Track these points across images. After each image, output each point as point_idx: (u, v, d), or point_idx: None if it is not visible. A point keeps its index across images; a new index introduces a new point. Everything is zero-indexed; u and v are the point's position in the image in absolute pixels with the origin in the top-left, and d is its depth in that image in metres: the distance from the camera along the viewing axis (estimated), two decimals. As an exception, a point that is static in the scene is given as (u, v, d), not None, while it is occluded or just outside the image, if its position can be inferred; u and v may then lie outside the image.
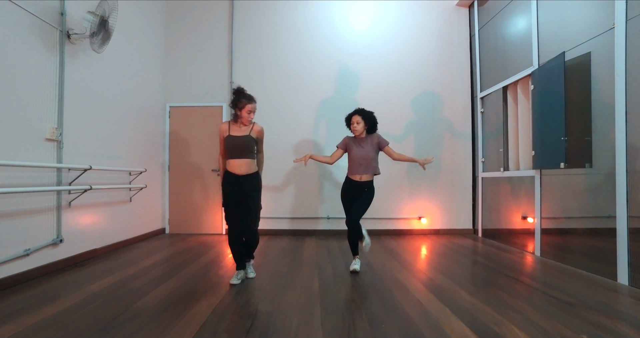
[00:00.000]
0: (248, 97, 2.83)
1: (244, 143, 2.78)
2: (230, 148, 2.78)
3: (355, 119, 3.21)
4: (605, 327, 1.97)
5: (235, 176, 2.79)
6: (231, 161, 2.80)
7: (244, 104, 2.80)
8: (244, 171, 2.79)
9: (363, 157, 3.15)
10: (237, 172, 2.78)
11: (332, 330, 1.94)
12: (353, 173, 3.20)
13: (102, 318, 2.09)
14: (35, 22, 2.92)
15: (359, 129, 3.20)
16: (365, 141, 3.22)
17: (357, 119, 3.20)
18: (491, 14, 4.93)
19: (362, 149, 3.18)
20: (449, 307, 2.28)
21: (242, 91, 2.86)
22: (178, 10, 5.47)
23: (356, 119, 3.20)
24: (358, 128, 3.19)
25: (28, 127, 2.85)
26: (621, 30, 2.81)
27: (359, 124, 3.19)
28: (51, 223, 3.11)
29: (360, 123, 3.19)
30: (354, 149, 3.21)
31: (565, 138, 3.37)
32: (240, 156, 2.78)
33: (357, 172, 3.17)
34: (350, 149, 3.25)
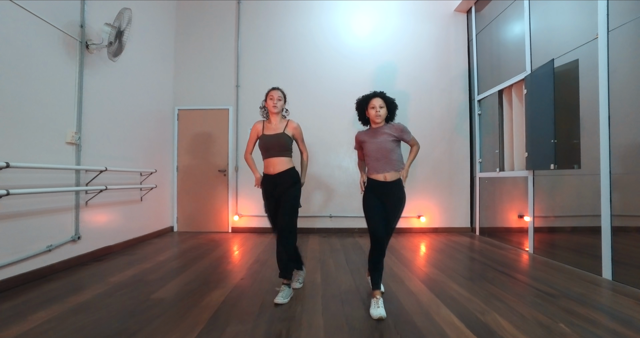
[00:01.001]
0: (273, 87, 2.76)
1: (276, 141, 2.63)
2: (264, 147, 2.67)
3: (376, 102, 2.50)
4: (580, 315, 2.17)
5: (270, 176, 2.66)
6: (266, 161, 2.68)
7: (268, 91, 2.73)
8: (278, 169, 2.63)
9: (379, 149, 2.47)
10: (271, 172, 2.65)
11: (331, 317, 2.15)
12: (373, 172, 2.51)
13: (126, 306, 2.31)
14: (58, 34, 3.15)
15: (382, 115, 2.50)
16: (380, 131, 2.52)
17: (378, 102, 2.50)
18: (488, 20, 5.12)
19: (376, 140, 2.50)
20: (439, 298, 2.49)
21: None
22: (187, 19, 5.69)
23: (378, 103, 2.50)
24: (381, 112, 2.49)
25: (50, 132, 3.09)
26: (603, 41, 3.00)
27: (382, 108, 2.50)
28: (70, 221, 3.34)
29: (383, 107, 2.50)
30: (367, 143, 2.53)
31: (555, 141, 3.56)
32: (274, 154, 2.64)
33: (377, 170, 2.48)
34: (364, 144, 2.56)
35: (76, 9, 3.38)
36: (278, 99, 2.69)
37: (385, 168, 2.46)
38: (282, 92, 2.79)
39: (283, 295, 2.44)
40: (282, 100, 2.74)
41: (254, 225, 5.51)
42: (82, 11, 3.43)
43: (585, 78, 3.31)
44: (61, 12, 3.19)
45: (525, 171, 4.15)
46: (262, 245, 4.49)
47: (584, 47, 3.28)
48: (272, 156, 2.65)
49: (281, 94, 2.74)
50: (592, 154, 3.20)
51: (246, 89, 5.60)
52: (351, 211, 5.47)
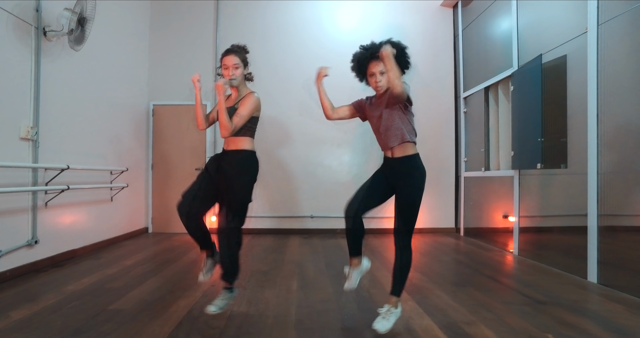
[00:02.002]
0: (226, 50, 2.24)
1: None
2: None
3: (375, 68, 1.99)
4: (572, 325, 2.03)
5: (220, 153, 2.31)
6: None
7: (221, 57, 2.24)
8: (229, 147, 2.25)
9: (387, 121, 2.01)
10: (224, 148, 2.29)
11: (304, 330, 1.96)
12: (382, 147, 2.11)
13: (77, 320, 2.07)
14: (9, 18, 2.86)
15: (385, 84, 1.99)
16: (381, 98, 2.07)
17: (378, 68, 1.98)
18: (474, 15, 4.99)
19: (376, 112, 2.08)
20: (422, 306, 2.33)
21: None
22: (163, 8, 5.40)
23: (378, 69, 1.98)
24: (383, 81, 1.99)
25: (1, 126, 2.80)
26: (593, 35, 2.87)
27: (383, 74, 1.98)
28: (26, 224, 3.06)
29: (384, 73, 1.96)
30: (369, 114, 2.14)
31: (542, 139, 3.44)
32: None
33: (384, 146, 2.07)
34: (367, 114, 2.17)
35: (32, -8, 3.10)
36: (235, 67, 2.17)
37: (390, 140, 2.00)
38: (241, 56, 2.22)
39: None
40: (240, 67, 2.20)
41: (233, 226, 5.27)
42: (38, -6, 3.15)
43: (574, 74, 3.19)
44: (14, -6, 2.90)
45: (511, 170, 4.03)
46: (239, 247, 4.27)
47: (573, 42, 3.16)
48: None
49: (238, 60, 2.18)
50: (580, 152, 3.08)
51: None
52: (334, 211, 5.29)
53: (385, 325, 1.87)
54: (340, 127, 5.28)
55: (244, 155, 2.20)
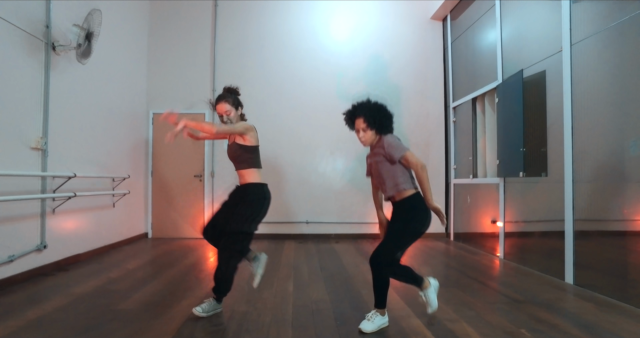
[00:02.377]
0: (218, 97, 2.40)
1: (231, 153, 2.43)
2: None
3: (359, 125, 2.16)
4: (544, 321, 2.22)
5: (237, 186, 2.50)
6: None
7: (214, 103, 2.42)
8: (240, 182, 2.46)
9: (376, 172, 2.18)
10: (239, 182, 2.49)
11: (300, 327, 2.13)
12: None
13: (84, 320, 2.22)
14: (21, 35, 3.03)
15: (367, 139, 2.16)
16: (373, 150, 2.21)
17: (361, 125, 2.15)
18: (462, 28, 5.23)
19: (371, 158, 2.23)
20: (410, 306, 2.50)
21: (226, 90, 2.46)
22: (161, 19, 5.59)
23: (361, 126, 2.15)
24: (365, 137, 2.16)
25: (14, 137, 2.96)
26: (567, 54, 3.11)
27: (365, 132, 2.15)
28: (35, 230, 3.22)
29: (367, 131, 2.15)
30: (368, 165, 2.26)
31: (523, 149, 3.66)
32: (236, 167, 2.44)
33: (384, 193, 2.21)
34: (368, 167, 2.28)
35: (41, 9, 3.27)
36: (227, 113, 2.34)
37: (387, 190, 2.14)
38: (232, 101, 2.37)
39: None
40: (232, 112, 2.37)
41: (230, 231, 5.43)
42: (47, 11, 3.32)
43: (552, 88, 3.42)
44: (25, 11, 3.07)
45: (497, 178, 4.25)
46: (237, 251, 4.43)
47: (551, 59, 3.39)
48: (236, 169, 2.42)
49: (230, 107, 2.35)
50: (558, 162, 3.29)
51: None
52: (328, 217, 5.47)
53: (369, 326, 2.05)
54: (333, 134, 5.47)
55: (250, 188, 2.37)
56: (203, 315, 2.26)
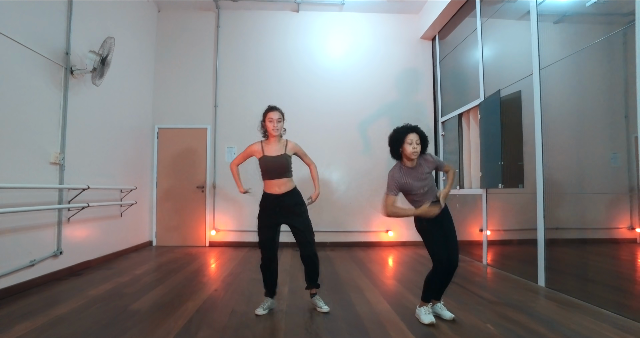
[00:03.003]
0: (271, 107, 2.76)
1: (279, 163, 2.70)
2: (266, 168, 2.71)
3: (413, 137, 2.46)
4: (509, 317, 2.50)
5: (276, 195, 2.71)
6: (268, 182, 2.72)
7: (266, 112, 2.75)
8: (283, 189, 2.70)
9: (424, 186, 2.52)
10: (277, 192, 2.70)
11: (292, 323, 2.42)
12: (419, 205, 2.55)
13: (102, 318, 2.51)
14: (44, 61, 3.38)
15: (418, 152, 2.47)
16: (418, 168, 2.54)
17: (415, 138, 2.46)
18: (450, 47, 5.59)
19: (419, 181, 2.52)
20: (392, 307, 2.78)
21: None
22: (166, 42, 5.96)
23: (415, 138, 2.46)
24: (418, 149, 2.46)
25: (36, 153, 3.28)
26: (536, 77, 3.44)
27: (418, 145, 2.47)
28: (52, 237, 3.51)
29: (419, 144, 2.48)
30: (412, 184, 2.52)
31: (502, 162, 3.96)
32: (277, 176, 2.69)
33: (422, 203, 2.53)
34: (407, 185, 2.53)
35: (62, 37, 3.62)
36: (278, 121, 2.71)
37: (429, 198, 2.51)
38: (281, 112, 2.77)
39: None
40: (282, 121, 2.76)
41: (230, 239, 5.72)
42: (67, 39, 3.67)
43: (527, 107, 3.74)
44: (47, 40, 3.42)
45: (480, 189, 4.55)
46: (237, 258, 4.71)
47: (525, 81, 3.72)
48: (275, 178, 2.69)
49: (280, 115, 2.74)
50: (532, 174, 3.60)
51: (224, 109, 5.88)
52: (323, 226, 5.75)
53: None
54: (328, 148, 5.79)
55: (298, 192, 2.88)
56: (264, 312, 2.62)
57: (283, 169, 2.71)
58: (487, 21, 4.49)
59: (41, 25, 3.34)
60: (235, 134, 5.85)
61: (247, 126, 5.85)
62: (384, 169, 5.84)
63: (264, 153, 2.73)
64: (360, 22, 6.14)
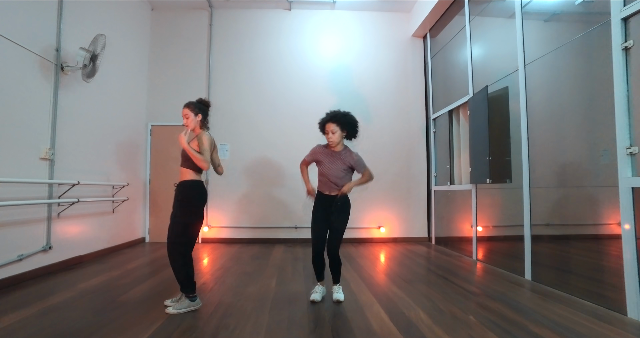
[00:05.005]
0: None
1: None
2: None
3: (329, 127, 2.67)
4: (490, 308, 2.54)
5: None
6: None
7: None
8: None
9: (335, 176, 2.71)
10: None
11: (276, 313, 2.46)
12: (323, 188, 2.81)
13: (92, 308, 2.54)
14: (34, 58, 3.41)
15: (335, 140, 2.68)
16: (338, 157, 2.73)
17: (331, 127, 2.66)
18: (440, 45, 5.64)
19: (333, 167, 2.72)
20: (376, 297, 2.82)
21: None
22: (161, 41, 6.00)
23: (331, 128, 2.66)
24: (334, 138, 2.67)
25: (26, 148, 3.31)
26: (522, 73, 3.48)
27: (334, 133, 2.66)
28: (42, 232, 3.54)
29: (336, 133, 2.66)
30: (325, 164, 2.75)
31: (489, 158, 4.01)
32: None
33: (326, 189, 2.78)
34: (320, 162, 2.79)
35: (52, 34, 3.66)
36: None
37: (331, 188, 2.75)
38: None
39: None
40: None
41: (223, 236, 5.76)
42: (57, 35, 3.70)
43: (513, 103, 3.78)
44: (37, 37, 3.46)
45: (469, 184, 4.59)
46: (229, 254, 4.74)
47: (511, 77, 3.77)
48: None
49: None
50: (520, 169, 3.64)
51: (217, 108, 5.91)
52: (316, 222, 5.78)
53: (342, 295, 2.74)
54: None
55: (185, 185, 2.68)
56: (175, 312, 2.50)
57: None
58: (475, 19, 4.54)
59: (31, 21, 3.37)
60: (228, 132, 5.89)
61: (241, 123, 5.89)
62: (375, 166, 5.88)
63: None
64: (352, 20, 6.18)
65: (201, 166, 2.57)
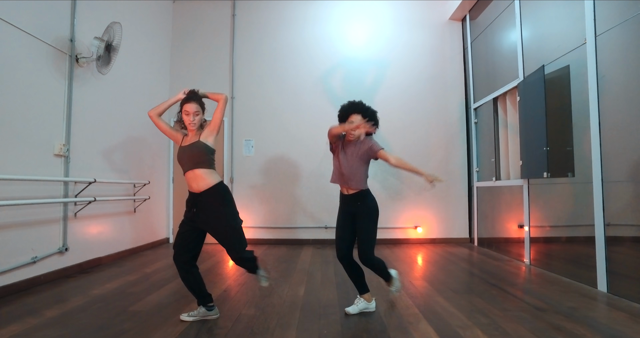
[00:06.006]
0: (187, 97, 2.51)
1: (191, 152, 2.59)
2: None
3: (356, 118, 2.38)
4: (566, 330, 2.06)
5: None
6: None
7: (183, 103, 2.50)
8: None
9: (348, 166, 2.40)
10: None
11: (304, 331, 2.09)
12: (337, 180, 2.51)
13: (98, 320, 2.27)
14: (48, 49, 3.21)
15: (357, 134, 2.41)
16: (353, 145, 2.43)
17: (357, 119, 2.37)
18: (482, 27, 5.09)
19: (348, 152, 2.42)
20: (421, 311, 2.40)
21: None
22: (183, 31, 5.78)
23: (357, 119, 2.37)
24: (357, 133, 2.40)
25: (39, 144, 3.12)
26: (591, 46, 2.94)
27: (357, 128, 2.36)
28: (57, 233, 3.35)
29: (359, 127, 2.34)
30: (339, 155, 2.47)
31: (547, 148, 3.47)
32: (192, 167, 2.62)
33: (343, 184, 2.47)
34: (335, 152, 2.52)
35: (66, 24, 3.45)
36: (192, 112, 2.50)
37: (345, 183, 2.43)
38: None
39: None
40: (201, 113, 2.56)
41: (249, 237, 5.46)
42: (71, 26, 3.50)
43: (577, 84, 3.24)
44: (51, 27, 3.25)
45: (520, 180, 4.05)
46: (253, 256, 4.43)
47: (574, 53, 3.22)
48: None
49: (194, 106, 2.49)
50: (586, 161, 3.10)
51: (241, 101, 5.63)
52: (347, 222, 5.38)
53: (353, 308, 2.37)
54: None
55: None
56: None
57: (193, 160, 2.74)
58: (526, -9, 3.99)
59: (42, 10, 3.17)
60: (253, 127, 5.60)
61: (266, 117, 5.58)
62: (410, 161, 5.39)
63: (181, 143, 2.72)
64: (382, 5, 5.72)
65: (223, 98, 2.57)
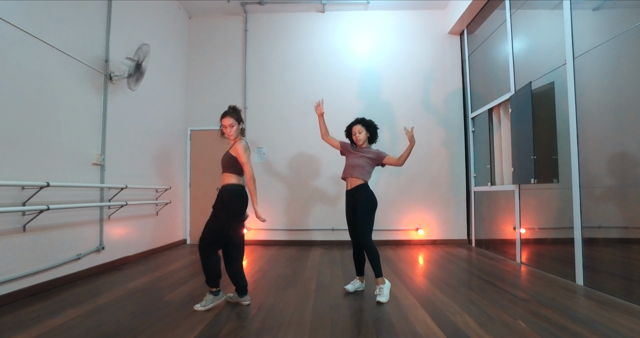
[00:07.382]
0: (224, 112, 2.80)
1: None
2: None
3: (356, 128, 3.19)
4: (541, 314, 2.42)
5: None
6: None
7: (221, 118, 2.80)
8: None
9: (357, 164, 3.10)
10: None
11: (318, 317, 2.45)
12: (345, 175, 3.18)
13: (140, 307, 2.66)
14: (85, 69, 3.62)
15: (362, 138, 3.17)
16: (361, 151, 3.17)
17: (358, 128, 3.18)
18: (478, 41, 5.46)
19: (358, 155, 3.13)
20: (419, 302, 2.76)
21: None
22: (198, 47, 6.20)
23: (357, 129, 3.18)
24: (361, 136, 3.17)
25: (79, 154, 3.52)
26: (570, 67, 3.30)
27: (360, 133, 3.17)
28: (95, 233, 3.75)
29: (362, 132, 3.18)
30: (350, 156, 3.19)
31: (534, 157, 3.82)
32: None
33: (348, 178, 3.13)
34: (347, 156, 3.24)
35: (101, 45, 3.87)
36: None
37: (353, 174, 3.08)
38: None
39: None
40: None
41: (262, 238, 5.85)
42: (106, 47, 3.91)
43: (561, 99, 3.59)
44: (88, 48, 3.66)
45: (512, 185, 4.40)
46: (266, 256, 4.81)
47: (558, 71, 3.58)
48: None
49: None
50: (568, 169, 3.45)
51: (253, 110, 6.03)
52: (352, 224, 5.74)
53: (384, 297, 2.78)
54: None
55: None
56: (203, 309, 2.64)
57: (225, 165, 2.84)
58: (516, 12, 4.36)
59: (82, 34, 3.59)
60: (264, 135, 5.99)
61: (276, 126, 5.97)
62: (412, 167, 5.77)
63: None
64: (386, 20, 6.11)
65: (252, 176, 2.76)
